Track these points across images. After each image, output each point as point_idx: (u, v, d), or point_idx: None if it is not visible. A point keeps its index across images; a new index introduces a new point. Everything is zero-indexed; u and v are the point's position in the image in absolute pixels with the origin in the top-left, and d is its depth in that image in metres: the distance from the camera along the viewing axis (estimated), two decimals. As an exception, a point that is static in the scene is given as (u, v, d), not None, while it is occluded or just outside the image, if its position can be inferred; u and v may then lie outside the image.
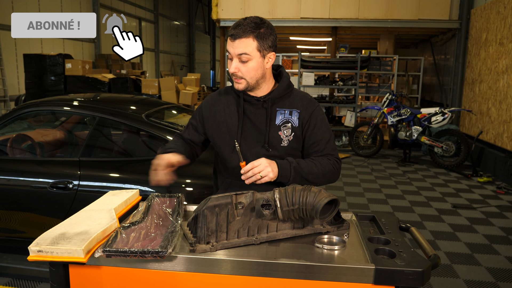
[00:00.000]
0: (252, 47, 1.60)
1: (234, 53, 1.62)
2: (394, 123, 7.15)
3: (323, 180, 1.69)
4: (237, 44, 1.60)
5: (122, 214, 1.53)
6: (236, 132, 1.71)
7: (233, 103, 1.75)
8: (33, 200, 2.85)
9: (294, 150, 1.73)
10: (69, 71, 8.28)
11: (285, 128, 1.71)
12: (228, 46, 1.64)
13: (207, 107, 1.80)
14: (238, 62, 1.63)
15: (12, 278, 2.97)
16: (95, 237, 1.27)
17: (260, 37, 1.61)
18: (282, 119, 1.71)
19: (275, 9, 8.74)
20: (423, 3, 8.33)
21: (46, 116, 4.10)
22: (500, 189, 5.57)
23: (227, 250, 1.32)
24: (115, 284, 1.31)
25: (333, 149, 1.75)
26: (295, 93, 1.77)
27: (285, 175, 1.60)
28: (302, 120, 1.72)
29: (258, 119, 1.71)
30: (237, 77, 1.65)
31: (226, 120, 1.73)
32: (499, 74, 6.55)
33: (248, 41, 1.59)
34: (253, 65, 1.63)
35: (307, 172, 1.64)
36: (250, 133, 1.71)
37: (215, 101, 1.80)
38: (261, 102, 1.71)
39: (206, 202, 1.33)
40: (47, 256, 1.22)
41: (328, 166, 1.69)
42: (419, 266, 1.19)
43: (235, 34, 1.60)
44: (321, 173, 1.67)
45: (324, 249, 1.33)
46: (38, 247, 1.22)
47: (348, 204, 4.90)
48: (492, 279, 3.14)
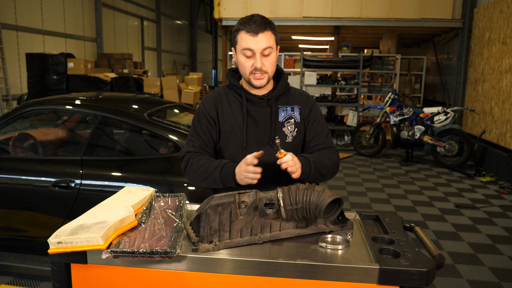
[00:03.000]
0: (273, 40, 1.62)
1: (259, 48, 1.59)
2: (396, 122, 7.13)
3: (332, 173, 1.72)
4: (261, 39, 1.58)
5: (138, 212, 1.51)
6: (241, 131, 1.69)
7: (235, 102, 1.73)
8: (35, 199, 2.85)
9: (297, 146, 1.75)
10: (71, 70, 8.29)
11: (288, 124, 1.73)
12: (248, 43, 1.58)
13: (211, 108, 1.73)
14: (262, 57, 1.61)
15: (14, 277, 2.97)
16: (113, 225, 1.28)
17: (274, 29, 1.64)
18: (285, 115, 1.73)
19: (277, 8, 8.72)
20: (426, 2, 8.30)
21: (48, 115, 4.10)
22: (503, 189, 5.55)
23: (230, 250, 1.31)
24: (116, 283, 1.30)
25: (332, 142, 1.80)
26: (292, 91, 1.81)
27: (307, 171, 1.59)
28: (303, 115, 1.76)
29: (262, 117, 1.70)
30: (261, 72, 1.62)
31: (230, 119, 1.71)
32: (502, 73, 6.52)
33: (269, 34, 1.60)
34: (274, 58, 1.65)
35: (321, 166, 1.65)
36: (254, 132, 1.70)
37: (216, 100, 1.75)
38: (265, 100, 1.71)
39: (209, 201, 1.32)
40: (67, 247, 1.22)
41: (334, 158, 1.73)
42: (424, 266, 1.18)
43: (256, 29, 1.57)
44: (331, 165, 1.70)
45: (328, 248, 1.32)
46: (58, 239, 1.22)
47: (350, 203, 4.89)
48: (495, 279, 3.12)
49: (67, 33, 12.13)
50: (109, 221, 1.30)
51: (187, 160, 1.70)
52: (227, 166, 1.60)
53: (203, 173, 1.64)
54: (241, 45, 1.61)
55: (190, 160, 1.69)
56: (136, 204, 1.50)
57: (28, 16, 10.50)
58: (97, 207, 1.46)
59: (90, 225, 1.29)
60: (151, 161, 2.93)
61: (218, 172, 1.60)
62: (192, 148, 1.72)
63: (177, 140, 2.85)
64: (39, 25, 10.92)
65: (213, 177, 1.62)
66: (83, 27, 12.99)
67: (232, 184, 1.59)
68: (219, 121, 1.73)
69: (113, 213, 1.38)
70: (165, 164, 2.84)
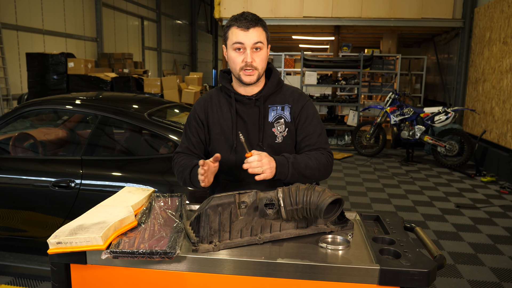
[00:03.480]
0: (264, 36, 1.62)
1: (250, 42, 1.58)
2: (397, 122, 7.12)
3: (318, 174, 1.66)
4: (252, 33, 1.58)
5: (138, 212, 1.51)
6: (231, 133, 1.69)
7: (225, 104, 1.73)
8: (35, 199, 2.85)
9: (288, 146, 1.71)
10: (72, 70, 8.30)
11: (278, 125, 1.70)
12: (239, 37, 1.58)
13: (201, 110, 1.75)
14: (253, 52, 1.60)
15: (14, 277, 2.97)
16: (112, 225, 1.28)
17: (266, 27, 1.64)
18: (274, 115, 1.70)
19: (278, 8, 8.72)
20: (426, 2, 8.29)
21: (48, 115, 4.10)
22: (503, 189, 5.54)
23: (230, 250, 1.31)
24: (116, 284, 1.30)
25: (325, 143, 1.73)
26: (285, 89, 1.76)
27: (283, 172, 1.55)
28: (293, 114, 1.71)
29: (251, 118, 1.69)
30: (251, 68, 1.61)
31: (220, 121, 1.71)
32: (503, 73, 6.51)
33: (260, 29, 1.61)
34: (264, 54, 1.64)
35: (304, 167, 1.60)
36: (244, 133, 1.67)
37: (207, 102, 1.76)
38: (253, 100, 1.69)
39: (209, 202, 1.32)
40: (67, 247, 1.22)
41: (323, 160, 1.66)
42: (425, 266, 1.18)
43: (247, 24, 1.58)
44: (316, 167, 1.63)
45: (328, 249, 1.32)
46: (57, 239, 1.22)
47: (351, 203, 4.89)
48: (496, 279, 3.12)
49: (67, 32, 12.14)
50: (109, 221, 1.30)
51: (173, 161, 1.77)
52: (196, 168, 1.61)
53: (180, 173, 1.68)
54: (231, 39, 1.61)
55: (175, 160, 1.74)
56: (136, 204, 1.50)
57: (29, 16, 10.51)
58: (96, 207, 1.46)
59: (89, 225, 1.29)
60: (151, 161, 2.92)
61: (188, 173, 1.63)
62: (180, 149, 1.77)
63: (177, 140, 2.85)
64: (39, 25, 10.92)
65: (185, 178, 1.65)
66: (83, 27, 13.00)
67: (199, 186, 1.58)
68: (209, 123, 1.73)
69: (112, 214, 1.38)
70: (165, 164, 2.83)
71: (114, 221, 1.30)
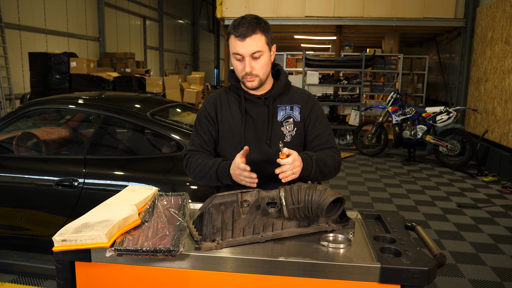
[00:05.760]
0: (262, 42, 1.60)
1: (247, 52, 1.59)
2: (398, 122, 7.12)
3: (334, 172, 1.71)
4: (249, 43, 1.58)
5: (141, 211, 1.53)
6: (239, 131, 1.70)
7: (234, 102, 1.75)
8: (38, 198, 2.87)
9: (297, 146, 1.73)
10: (74, 70, 8.32)
11: (287, 124, 1.72)
12: (237, 47, 1.59)
13: (211, 107, 1.77)
14: (251, 60, 1.61)
15: (18, 275, 2.99)
16: (117, 223, 1.29)
17: (266, 30, 1.62)
18: (283, 115, 1.73)
19: (280, 8, 8.72)
20: (428, 2, 8.28)
21: (51, 114, 4.12)
22: (505, 189, 5.54)
23: (232, 248, 1.32)
24: (120, 281, 1.31)
25: (334, 142, 1.79)
26: (293, 90, 1.79)
27: (307, 169, 1.58)
28: (303, 115, 1.74)
29: (260, 116, 1.71)
30: (251, 76, 1.62)
31: (228, 119, 1.73)
32: (505, 73, 6.50)
33: (257, 37, 1.59)
34: (265, 60, 1.63)
35: (324, 165, 1.64)
36: (253, 132, 1.71)
37: (216, 100, 1.78)
38: (263, 99, 1.71)
39: (212, 200, 1.33)
40: (71, 244, 1.24)
41: (336, 158, 1.72)
42: (425, 265, 1.19)
43: (244, 33, 1.56)
44: (333, 165, 1.69)
45: (330, 247, 1.33)
46: (62, 237, 1.23)
47: (352, 203, 4.89)
48: (497, 279, 3.13)
49: (69, 32, 12.16)
50: (113, 219, 1.32)
51: (187, 159, 1.76)
52: (222, 165, 1.63)
53: (201, 171, 1.69)
54: (231, 49, 1.63)
55: (190, 159, 1.75)
56: (139, 203, 1.51)
57: (31, 16, 10.54)
58: (100, 206, 1.47)
59: (94, 223, 1.30)
60: (154, 160, 2.94)
61: (214, 171, 1.65)
62: (192, 147, 1.78)
63: (180, 139, 2.86)
64: (41, 24, 10.95)
65: (210, 176, 1.66)
66: (85, 27, 13.02)
67: (228, 182, 1.63)
68: (218, 120, 1.75)
69: (116, 212, 1.39)
70: (167, 163, 2.85)
71: (118, 219, 1.31)
